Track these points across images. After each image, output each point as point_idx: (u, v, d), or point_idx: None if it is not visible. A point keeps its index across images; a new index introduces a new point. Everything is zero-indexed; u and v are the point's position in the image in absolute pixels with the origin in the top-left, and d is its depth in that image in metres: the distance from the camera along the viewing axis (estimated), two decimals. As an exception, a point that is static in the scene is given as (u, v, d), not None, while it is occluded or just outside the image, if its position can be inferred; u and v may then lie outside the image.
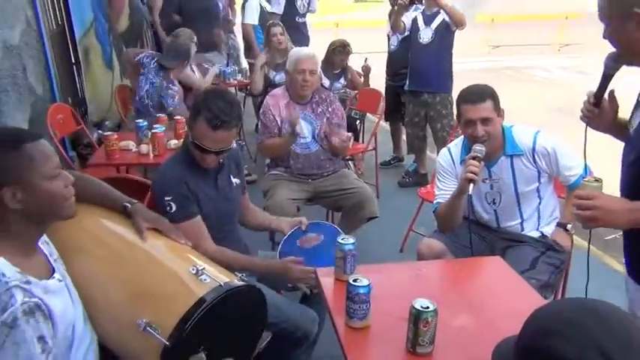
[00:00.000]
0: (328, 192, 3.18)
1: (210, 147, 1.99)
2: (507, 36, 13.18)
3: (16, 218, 1.31)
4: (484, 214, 2.47)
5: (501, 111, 2.30)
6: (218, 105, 1.94)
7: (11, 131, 1.44)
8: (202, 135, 1.97)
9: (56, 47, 4.09)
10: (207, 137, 1.97)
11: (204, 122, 1.95)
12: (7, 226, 1.31)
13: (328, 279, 1.83)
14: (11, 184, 1.28)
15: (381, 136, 5.05)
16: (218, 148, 2.00)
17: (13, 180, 1.29)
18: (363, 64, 5.01)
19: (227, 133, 1.98)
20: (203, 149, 1.99)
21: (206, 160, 2.04)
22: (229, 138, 2.02)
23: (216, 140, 1.98)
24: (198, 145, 1.99)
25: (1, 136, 1.35)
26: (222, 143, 2.00)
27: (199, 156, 2.04)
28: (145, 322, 1.42)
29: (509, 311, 1.66)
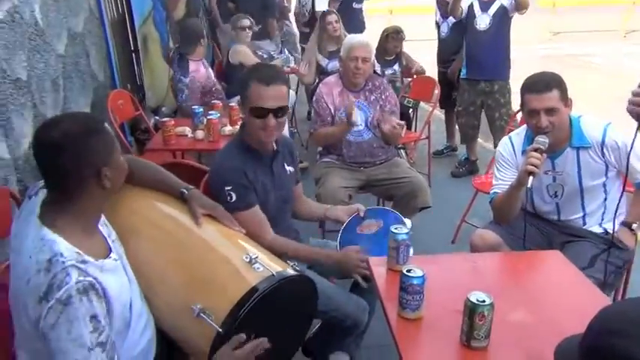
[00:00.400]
0: (380, 180, 3.15)
1: (267, 105, 1.96)
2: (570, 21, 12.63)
3: (100, 197, 1.39)
4: (544, 207, 2.38)
5: (569, 101, 2.19)
6: (264, 68, 2.13)
7: (88, 116, 1.54)
8: (257, 95, 1.96)
9: (117, 35, 4.21)
10: (262, 95, 1.95)
11: (256, 82, 1.96)
12: (81, 207, 1.37)
13: (381, 268, 1.81)
14: (106, 164, 1.36)
15: (435, 124, 4.96)
16: (275, 105, 1.97)
17: (107, 160, 1.37)
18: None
19: (279, 88, 1.98)
20: (262, 111, 1.96)
21: (268, 126, 1.99)
22: (283, 94, 2.00)
23: (270, 96, 1.96)
24: (256, 107, 1.97)
25: (87, 122, 1.39)
26: (278, 99, 1.98)
27: (259, 125, 1.99)
28: (199, 308, 1.45)
29: (569, 308, 1.61)
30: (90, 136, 1.34)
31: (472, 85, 4.37)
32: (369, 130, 3.15)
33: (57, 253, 1.27)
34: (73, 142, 1.31)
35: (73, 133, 1.32)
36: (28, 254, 1.29)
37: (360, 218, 2.26)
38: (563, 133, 2.20)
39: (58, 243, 1.29)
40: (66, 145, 1.31)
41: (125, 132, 4.03)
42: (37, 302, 1.24)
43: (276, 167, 2.17)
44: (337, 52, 4.34)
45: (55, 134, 1.32)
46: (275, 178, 2.15)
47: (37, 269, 1.26)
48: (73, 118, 1.41)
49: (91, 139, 1.34)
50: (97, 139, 1.36)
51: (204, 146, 3.27)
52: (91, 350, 1.24)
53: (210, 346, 1.43)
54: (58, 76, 2.95)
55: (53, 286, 1.23)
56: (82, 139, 1.32)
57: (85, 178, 1.34)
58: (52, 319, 1.23)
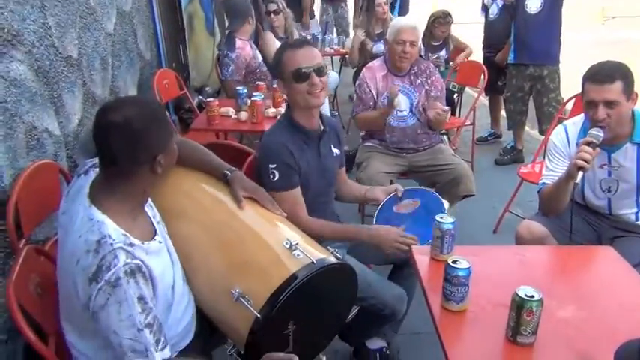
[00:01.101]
0: (423, 167, 3.10)
1: (307, 65, 1.96)
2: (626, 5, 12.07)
3: (150, 182, 1.41)
4: (595, 201, 2.29)
5: (634, 94, 2.07)
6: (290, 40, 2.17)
7: (152, 103, 1.53)
8: (293, 60, 1.97)
9: (164, 14, 4.24)
10: (298, 58, 1.97)
11: (289, 50, 2.00)
12: (133, 190, 1.39)
13: (424, 257, 1.79)
14: (163, 152, 1.37)
15: (479, 111, 4.84)
16: (313, 64, 1.98)
17: (164, 148, 1.38)
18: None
19: (311, 49, 2.03)
20: (303, 74, 1.96)
21: (314, 85, 1.97)
22: (315, 54, 2.02)
23: (306, 56, 1.98)
24: (296, 70, 1.96)
25: (151, 110, 1.40)
26: (314, 59, 1.99)
27: (305, 88, 1.98)
28: (238, 292, 1.45)
29: (621, 306, 1.55)
30: (152, 123, 1.36)
31: (520, 70, 4.23)
32: (414, 115, 3.09)
33: (105, 234, 1.29)
34: (135, 128, 1.32)
35: (137, 119, 1.33)
36: (78, 234, 1.31)
37: (398, 198, 2.25)
38: (624, 127, 2.10)
39: (107, 225, 1.31)
40: (127, 129, 1.32)
41: (170, 111, 4.08)
42: (86, 283, 1.27)
43: (324, 148, 2.15)
44: (383, 35, 4.29)
45: (118, 117, 1.32)
46: (321, 159, 2.13)
47: (86, 249, 1.28)
48: (138, 104, 1.41)
49: (152, 127, 1.35)
50: (158, 127, 1.37)
51: (248, 127, 3.28)
52: (140, 330, 1.27)
53: (248, 330, 1.44)
54: (107, 55, 3.00)
55: (102, 267, 1.26)
56: (144, 126, 1.34)
57: (140, 163, 1.36)
58: (102, 299, 1.26)
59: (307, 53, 1.98)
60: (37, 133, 2.12)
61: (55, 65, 2.31)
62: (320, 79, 1.99)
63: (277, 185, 1.98)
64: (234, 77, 3.88)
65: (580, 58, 2.19)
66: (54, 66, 2.31)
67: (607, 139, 2.05)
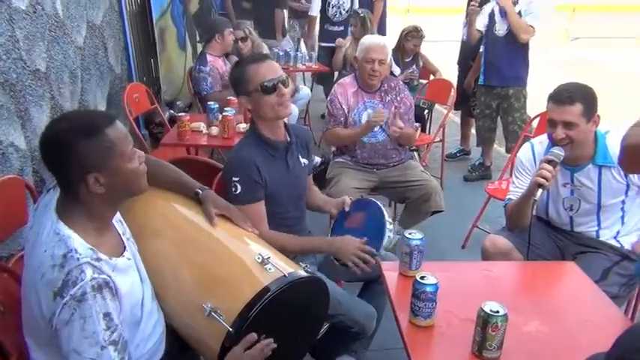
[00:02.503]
0: (393, 183, 3.13)
1: (272, 77, 1.97)
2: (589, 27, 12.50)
3: (98, 201, 1.35)
4: (557, 218, 2.36)
5: (596, 117, 2.12)
6: (252, 55, 2.22)
7: (88, 117, 1.42)
8: (257, 74, 1.97)
9: (135, 28, 4.23)
10: (261, 72, 1.97)
11: (250, 65, 2.00)
12: (88, 207, 1.35)
13: (392, 273, 1.80)
14: (95, 171, 1.30)
15: (449, 127, 4.93)
16: (277, 75, 1.99)
17: (96, 167, 1.30)
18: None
19: (272, 62, 2.03)
20: (268, 87, 1.96)
21: (283, 95, 1.99)
22: (278, 67, 2.03)
23: (270, 69, 1.99)
24: (262, 85, 1.97)
25: (80, 124, 1.33)
26: (278, 71, 2.01)
27: (274, 99, 1.98)
28: (210, 307, 1.45)
29: (584, 321, 1.59)
30: (78, 139, 1.28)
31: (488, 89, 4.34)
32: (384, 131, 3.13)
33: (72, 249, 1.27)
34: (59, 144, 1.28)
35: (62, 134, 1.28)
36: (44, 248, 1.29)
37: (347, 212, 2.24)
38: (586, 148, 2.16)
39: (73, 239, 1.29)
40: (53, 144, 1.29)
41: (140, 126, 4.05)
42: (51, 298, 1.24)
43: (291, 159, 2.15)
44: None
45: (48, 132, 1.31)
46: (290, 170, 2.14)
47: (51, 264, 1.26)
48: (71, 119, 1.36)
49: (78, 143, 1.27)
50: (87, 143, 1.28)
51: (219, 143, 3.27)
52: (104, 348, 1.25)
53: (220, 345, 1.43)
54: (76, 68, 2.97)
55: (68, 282, 1.24)
56: (68, 143, 1.27)
57: (71, 180, 1.31)
58: (66, 315, 1.23)
59: (270, 66, 2.00)
60: (3, 147, 2.08)
61: (22, 79, 2.28)
62: (286, 90, 2.02)
63: (239, 198, 1.98)
64: (216, 89, 3.89)
65: (547, 77, 2.26)
66: (21, 79, 2.27)
67: (569, 159, 2.11)
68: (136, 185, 1.42)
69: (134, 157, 1.39)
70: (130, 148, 1.37)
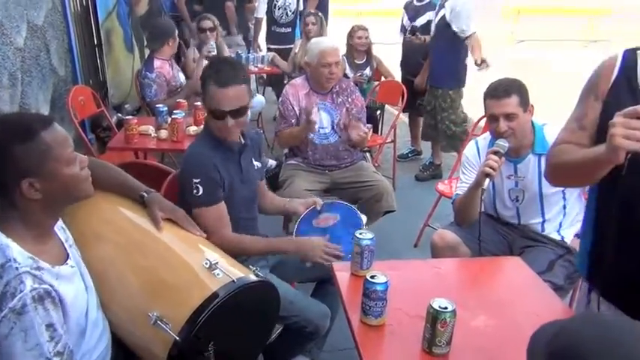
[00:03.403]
0: (345, 184, 3.15)
1: (225, 107, 1.94)
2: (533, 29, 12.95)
3: (35, 207, 1.30)
4: (505, 211, 2.43)
5: (530, 107, 2.25)
6: (222, 67, 1.96)
7: (24, 120, 1.36)
8: (215, 97, 1.94)
9: (79, 29, 4.10)
10: (219, 97, 1.93)
11: (214, 84, 1.93)
12: (25, 214, 1.30)
13: (344, 273, 1.81)
14: (29, 176, 1.25)
15: (400, 128, 5.00)
16: (232, 106, 1.95)
17: (32, 171, 1.26)
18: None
19: (237, 88, 1.94)
20: (219, 113, 1.95)
21: (228, 128, 1.97)
22: (241, 94, 1.96)
23: (228, 98, 1.93)
24: (214, 110, 1.96)
25: (14, 127, 1.29)
26: (235, 100, 1.95)
27: (220, 125, 1.98)
28: (156, 316, 1.42)
29: (529, 312, 1.64)
30: (13, 143, 1.23)
31: (430, 89, 4.56)
32: (335, 132, 3.15)
33: (10, 258, 1.22)
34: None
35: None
36: None
37: (317, 212, 2.27)
38: (525, 139, 2.27)
39: (11, 248, 1.24)
40: None
41: (86, 129, 3.93)
42: None
43: (244, 162, 2.14)
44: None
45: None
46: (243, 173, 2.13)
47: None
48: (5, 122, 1.31)
49: (13, 147, 1.23)
50: (22, 147, 1.24)
51: (168, 146, 3.21)
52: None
53: (166, 354, 1.41)
54: (15, 70, 2.85)
55: (7, 294, 1.18)
56: (2, 147, 1.23)
57: (7, 186, 1.26)
58: (5, 328, 1.18)
59: (230, 94, 1.93)
60: None
61: (-45, 81, 2.18)
62: (235, 121, 1.97)
63: (201, 200, 1.95)
64: (159, 97, 3.80)
65: (492, 78, 2.33)
66: (-45, 82, 2.17)
67: (512, 151, 2.20)
68: (76, 191, 1.37)
69: (74, 161, 1.34)
70: (69, 152, 1.33)
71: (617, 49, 1.48)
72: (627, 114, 1.20)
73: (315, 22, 4.87)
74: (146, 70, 3.83)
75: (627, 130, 1.18)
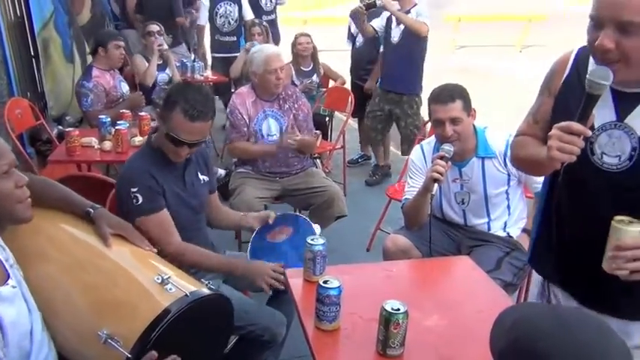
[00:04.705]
0: (296, 190, 3.15)
1: (186, 139, 1.94)
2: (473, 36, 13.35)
3: None
4: (452, 213, 2.49)
5: (472, 111, 2.32)
6: (195, 97, 1.92)
7: None
8: (179, 126, 1.92)
9: (14, 39, 3.94)
10: (184, 129, 1.92)
11: (181, 114, 1.91)
12: None
13: (297, 280, 1.80)
14: None
15: (349, 134, 5.05)
16: (194, 139, 1.96)
17: None
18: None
19: (204, 124, 1.96)
20: (178, 141, 1.94)
21: (179, 153, 1.99)
22: (205, 129, 1.99)
23: (193, 132, 1.94)
24: (174, 137, 1.94)
25: None
26: (198, 135, 1.97)
27: (172, 149, 1.98)
28: (106, 334, 1.37)
29: (478, 311, 1.68)
30: None
31: (384, 94, 4.49)
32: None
33: None
34: None
35: None
36: None
37: (270, 226, 2.26)
38: (469, 142, 2.33)
39: None
40: None
41: (24, 143, 3.77)
42: None
43: (189, 176, 2.12)
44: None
45: None
46: (187, 188, 2.10)
47: None
48: None
49: None
50: None
51: (112, 158, 3.12)
52: None
53: None
54: (-55, 83, 2.71)
55: None
56: None
57: None
58: None
59: (196, 129, 1.93)
60: None
61: None
62: (190, 150, 1.99)
63: (142, 209, 1.91)
64: (96, 107, 3.68)
65: (437, 84, 2.40)
66: None
67: (456, 155, 2.26)
68: (10, 210, 1.31)
69: (8, 176, 1.29)
70: (4, 166, 1.27)
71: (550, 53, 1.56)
72: (562, 128, 1.30)
73: (261, 33, 4.87)
74: (83, 80, 3.72)
75: (561, 144, 1.29)
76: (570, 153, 1.29)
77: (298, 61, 4.77)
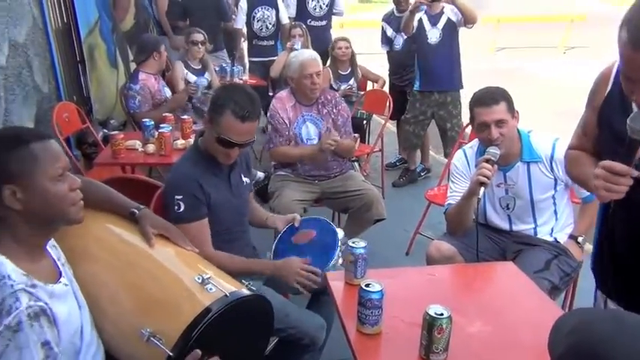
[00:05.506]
0: (335, 193, 3.15)
1: (237, 140, 1.98)
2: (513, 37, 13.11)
3: (18, 219, 1.28)
4: (496, 219, 2.44)
5: (516, 113, 2.27)
6: (242, 98, 1.97)
7: (17, 131, 1.40)
8: (230, 129, 1.96)
9: (61, 45, 4.07)
10: (235, 130, 1.96)
11: (232, 116, 1.95)
12: (13, 229, 1.29)
13: (338, 283, 1.80)
14: (12, 182, 1.25)
15: (387, 137, 5.02)
16: (244, 140, 2.00)
17: (14, 178, 1.25)
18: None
19: (252, 124, 2.00)
20: (230, 143, 1.98)
21: (230, 155, 2.03)
22: (253, 129, 2.03)
23: (242, 132, 1.98)
24: (225, 139, 1.97)
25: (7, 135, 1.34)
26: (248, 135, 2.01)
27: (223, 151, 2.02)
28: (149, 332, 1.40)
29: (523, 317, 1.65)
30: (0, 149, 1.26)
31: (425, 97, 4.43)
32: (324, 143, 3.15)
33: (4, 275, 1.20)
34: None
35: None
36: None
37: (295, 228, 2.27)
38: (513, 146, 2.28)
39: (5, 265, 1.22)
40: None
41: (71, 146, 3.89)
42: None
43: (234, 178, 2.15)
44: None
45: None
46: (233, 190, 2.13)
47: None
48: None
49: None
50: (8, 154, 1.26)
51: (156, 160, 3.20)
52: None
53: None
54: (-2, 88, 2.82)
55: (2, 311, 1.16)
56: None
57: None
58: None
59: (245, 129, 1.98)
60: None
61: (-62, 100, 2.15)
62: (240, 151, 2.04)
63: (183, 216, 1.95)
64: (143, 109, 3.78)
65: (476, 86, 2.36)
66: (-63, 101, 2.14)
67: (501, 157, 2.21)
68: (59, 212, 1.34)
69: (63, 179, 1.33)
70: (57, 168, 1.31)
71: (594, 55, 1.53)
72: (606, 168, 1.32)
73: (302, 34, 4.88)
74: (130, 83, 3.84)
75: (607, 184, 1.32)
76: (617, 192, 1.31)
77: (337, 65, 4.78)
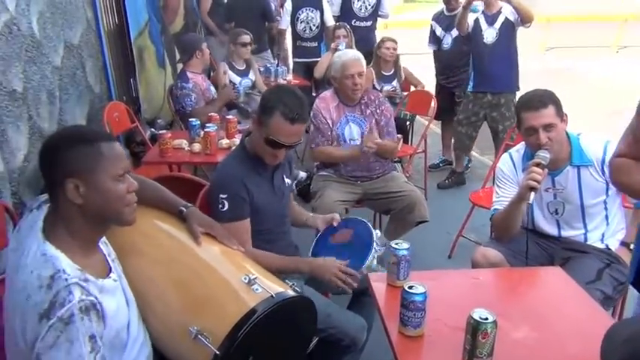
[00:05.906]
0: (377, 194, 3.14)
1: (285, 141, 2.00)
2: (563, 37, 12.74)
3: (76, 213, 1.33)
4: (544, 224, 2.36)
5: (564, 116, 2.20)
6: (292, 100, 1.99)
7: (86, 130, 1.51)
8: (279, 130, 1.97)
9: (113, 47, 4.20)
10: (284, 132, 1.98)
11: (281, 117, 1.96)
12: (69, 222, 1.33)
13: (380, 284, 1.79)
14: (76, 177, 1.30)
15: (431, 138, 4.96)
16: (292, 141, 2.02)
17: (79, 173, 1.31)
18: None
19: (301, 126, 2.02)
20: (277, 144, 2.00)
21: (277, 156, 2.05)
22: (301, 131, 2.04)
23: (291, 134, 1.99)
24: (274, 140, 1.99)
25: (77, 132, 1.43)
26: (296, 137, 2.03)
27: (270, 152, 2.03)
28: (196, 330, 1.43)
29: (571, 325, 1.60)
30: (68, 144, 1.32)
31: (479, 98, 4.34)
32: (366, 144, 3.13)
33: (60, 269, 1.24)
34: (50, 147, 1.34)
35: (55, 138, 1.36)
36: (30, 269, 1.26)
37: (334, 228, 2.27)
38: (562, 150, 2.21)
39: (61, 259, 1.27)
40: (45, 148, 1.35)
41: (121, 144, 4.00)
42: (36, 320, 1.21)
43: (277, 179, 2.17)
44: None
45: (44, 141, 1.37)
46: (275, 191, 2.15)
47: (38, 285, 1.23)
48: (70, 129, 1.43)
49: (67, 147, 1.32)
50: (76, 149, 1.32)
51: (201, 159, 3.26)
52: None
53: None
54: (54, 88, 2.94)
55: (55, 303, 1.21)
56: (57, 146, 1.33)
57: (54, 184, 1.32)
58: (51, 338, 1.19)
59: (294, 131, 2.00)
60: (-20, 169, 2.04)
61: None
62: (287, 152, 2.06)
63: (226, 215, 1.97)
64: (200, 105, 3.87)
65: (528, 85, 2.30)
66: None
67: (550, 162, 2.14)
68: (116, 211, 1.38)
69: (123, 180, 1.38)
70: (119, 169, 1.36)
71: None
72: None
73: (347, 35, 4.88)
74: (182, 82, 3.91)
75: None
76: None
77: (380, 66, 4.74)
